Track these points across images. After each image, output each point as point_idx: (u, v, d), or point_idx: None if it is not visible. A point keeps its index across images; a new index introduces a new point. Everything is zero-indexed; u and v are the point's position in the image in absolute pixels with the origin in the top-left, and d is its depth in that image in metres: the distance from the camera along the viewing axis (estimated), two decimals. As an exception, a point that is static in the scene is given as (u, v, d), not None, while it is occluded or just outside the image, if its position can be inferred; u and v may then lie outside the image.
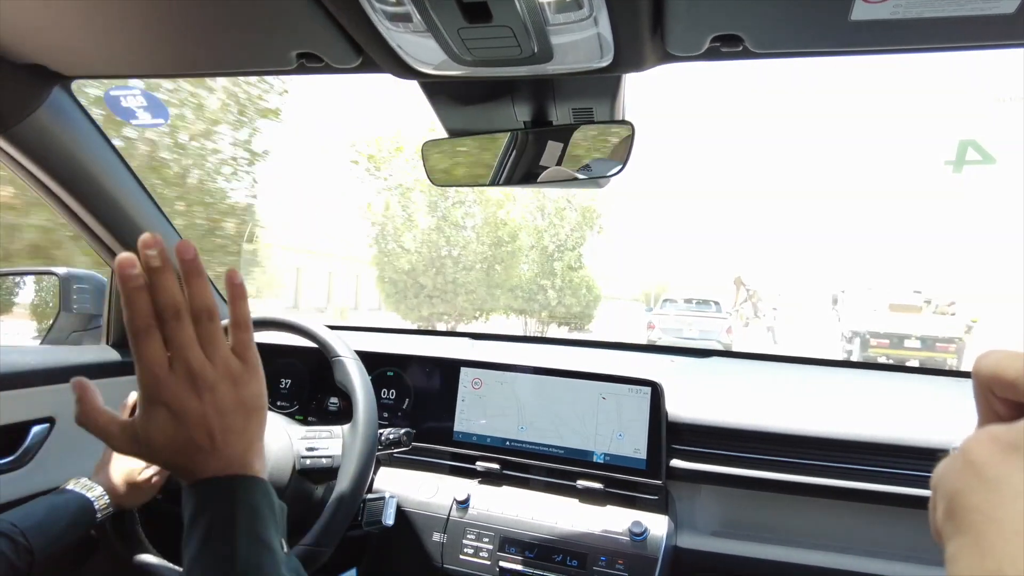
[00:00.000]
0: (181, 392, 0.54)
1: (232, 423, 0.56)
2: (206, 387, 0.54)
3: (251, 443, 0.59)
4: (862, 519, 1.11)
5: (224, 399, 0.56)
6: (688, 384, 1.30)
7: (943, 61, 25.88)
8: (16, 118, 0.99)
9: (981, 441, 0.29)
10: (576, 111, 1.02)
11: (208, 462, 0.56)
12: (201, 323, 0.55)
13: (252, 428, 0.59)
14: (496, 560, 1.15)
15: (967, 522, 0.28)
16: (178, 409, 0.54)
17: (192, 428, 0.54)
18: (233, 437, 0.56)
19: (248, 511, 0.55)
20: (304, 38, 0.79)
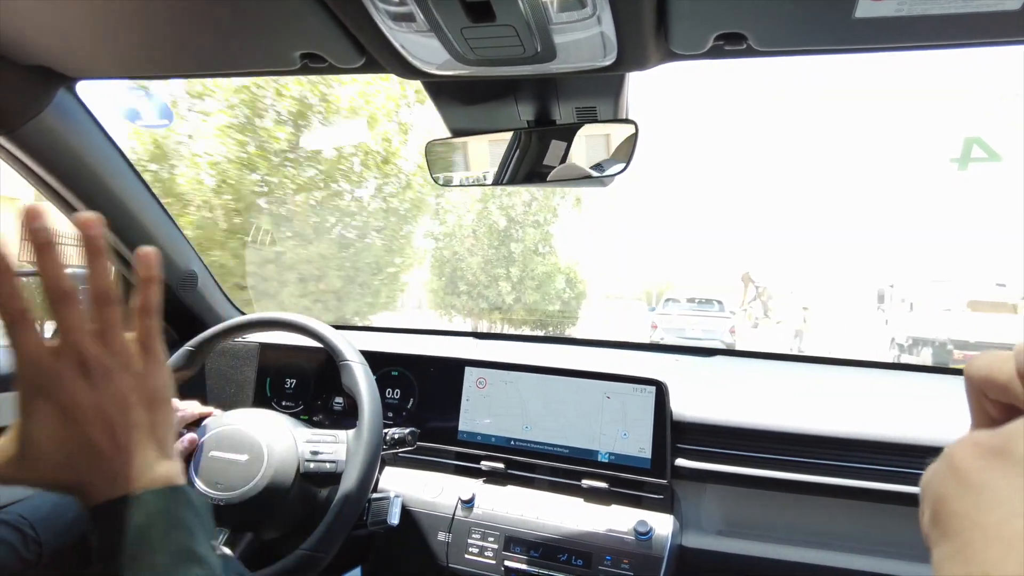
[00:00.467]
0: (71, 382, 0.47)
1: (136, 418, 0.49)
2: (101, 375, 0.48)
3: (162, 442, 0.51)
4: (868, 518, 1.11)
5: (124, 389, 0.49)
6: (693, 383, 1.30)
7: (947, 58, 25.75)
8: (22, 119, 0.99)
9: (964, 447, 0.29)
10: (580, 110, 1.02)
11: (115, 472, 0.48)
12: (99, 307, 0.49)
13: (160, 424, 0.52)
14: (501, 559, 1.15)
15: (952, 528, 0.28)
16: (68, 403, 0.46)
17: (88, 424, 0.47)
18: (140, 435, 0.49)
19: (172, 526, 0.48)
20: (307, 38, 0.79)
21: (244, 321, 1.16)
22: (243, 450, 1.01)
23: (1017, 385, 0.30)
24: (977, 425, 0.33)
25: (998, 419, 0.32)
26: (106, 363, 0.48)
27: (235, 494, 0.98)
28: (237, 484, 0.99)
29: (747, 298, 24.96)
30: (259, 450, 1.02)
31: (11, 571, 0.78)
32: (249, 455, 1.01)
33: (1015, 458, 0.26)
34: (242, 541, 1.00)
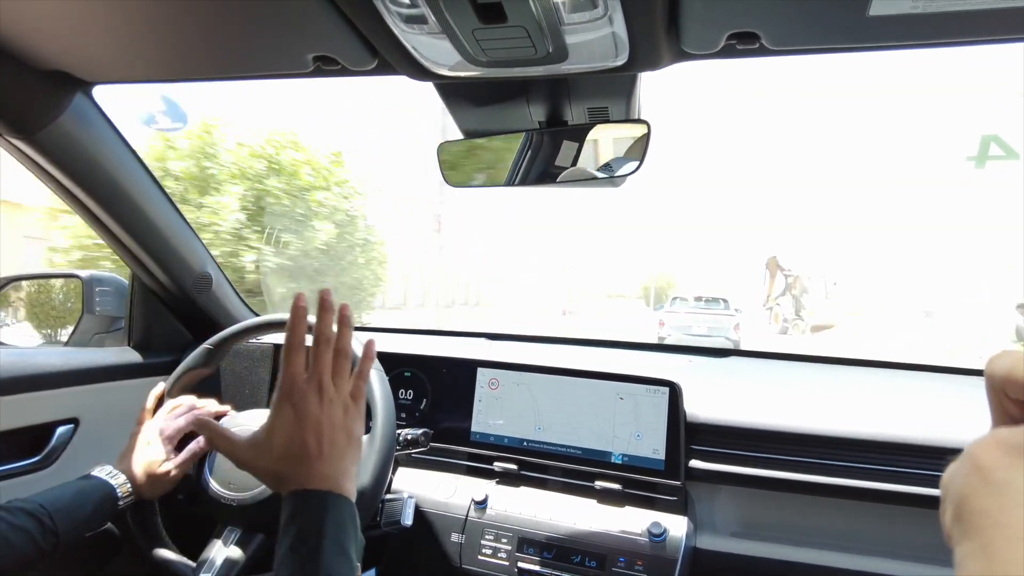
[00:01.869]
0: (309, 396, 0.68)
1: (337, 439, 0.69)
2: (327, 400, 0.69)
3: (348, 466, 0.71)
4: (884, 520, 1.10)
5: (336, 416, 0.70)
6: (706, 384, 1.29)
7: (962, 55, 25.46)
8: (40, 124, 1.00)
9: (988, 444, 0.29)
10: (591, 110, 1.02)
11: (312, 472, 0.67)
12: (337, 359, 0.72)
13: (350, 453, 0.71)
14: (514, 560, 1.15)
15: (974, 526, 0.27)
16: (302, 410, 0.68)
17: (307, 430, 0.67)
18: (336, 452, 0.69)
19: (336, 523, 0.64)
20: (320, 41, 0.80)
21: (261, 322, 1.17)
22: None
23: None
24: (997, 424, 0.33)
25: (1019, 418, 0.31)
26: (332, 396, 0.70)
27: (248, 495, 0.99)
28: (250, 485, 0.99)
29: (774, 291, 22.30)
30: None
31: (27, 559, 0.79)
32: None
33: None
34: (253, 542, 1.00)
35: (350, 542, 0.64)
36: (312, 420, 0.68)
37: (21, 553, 0.78)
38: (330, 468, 0.68)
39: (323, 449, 0.68)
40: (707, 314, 14.53)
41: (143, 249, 1.29)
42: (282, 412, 0.68)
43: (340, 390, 0.71)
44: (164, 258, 1.34)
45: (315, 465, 0.67)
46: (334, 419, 0.69)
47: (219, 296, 1.52)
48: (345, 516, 0.66)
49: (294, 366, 0.69)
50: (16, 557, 0.78)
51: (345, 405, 0.71)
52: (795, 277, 21.44)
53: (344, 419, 0.71)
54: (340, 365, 0.72)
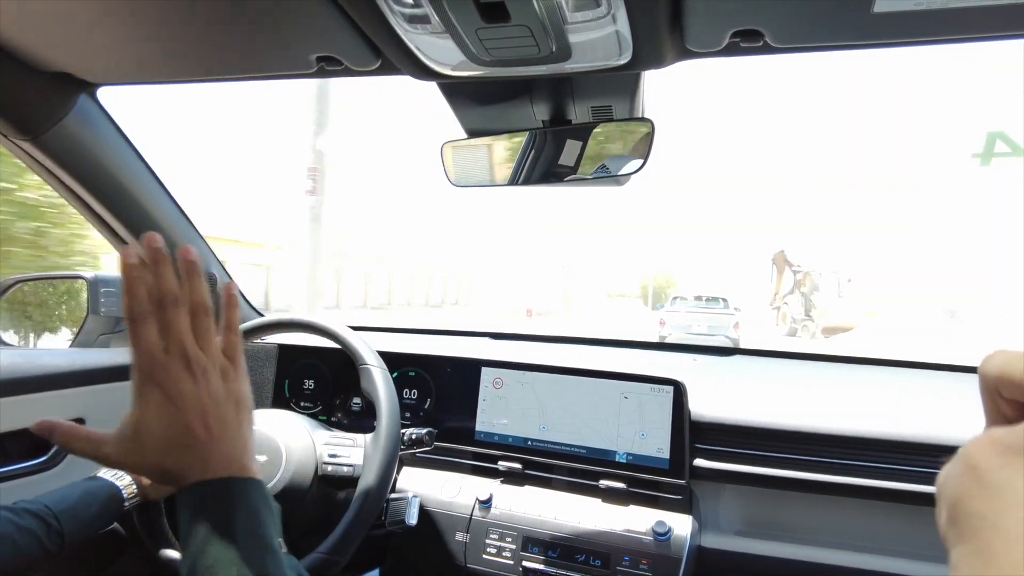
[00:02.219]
0: (177, 373, 0.55)
1: (225, 413, 0.57)
2: (200, 371, 0.56)
3: (246, 441, 0.59)
4: (889, 518, 1.09)
5: (216, 387, 0.58)
6: (711, 383, 1.29)
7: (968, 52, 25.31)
8: (45, 126, 1.01)
9: (982, 445, 0.29)
10: (595, 109, 1.02)
11: (206, 459, 0.55)
12: (197, 317, 0.58)
13: (244, 425, 0.60)
14: (519, 560, 1.15)
15: (969, 529, 0.27)
16: (174, 391, 0.55)
17: (188, 412, 0.55)
18: (229, 430, 0.57)
19: (248, 513, 0.55)
20: (323, 41, 0.80)
21: (264, 323, 1.17)
22: (261, 451, 1.02)
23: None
24: (991, 424, 0.32)
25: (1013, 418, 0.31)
26: (203, 363, 0.57)
27: None
28: None
29: (782, 289, 20.68)
30: (277, 451, 1.02)
31: (33, 560, 0.79)
32: (267, 456, 1.02)
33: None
34: None
35: (268, 529, 0.55)
36: (188, 398, 0.55)
37: (27, 554, 0.79)
38: (225, 448, 0.57)
39: (212, 429, 0.56)
40: (707, 313, 14.90)
41: None
42: (149, 397, 0.55)
43: (210, 353, 0.59)
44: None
45: (207, 449, 0.56)
46: (214, 390, 0.57)
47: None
48: (257, 501, 0.56)
49: (146, 339, 0.55)
50: (22, 558, 0.78)
51: (223, 368, 0.59)
52: (805, 273, 19.93)
53: (226, 386, 0.59)
54: (202, 324, 0.59)
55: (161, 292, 0.56)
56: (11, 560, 0.77)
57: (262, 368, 1.50)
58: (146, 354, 0.55)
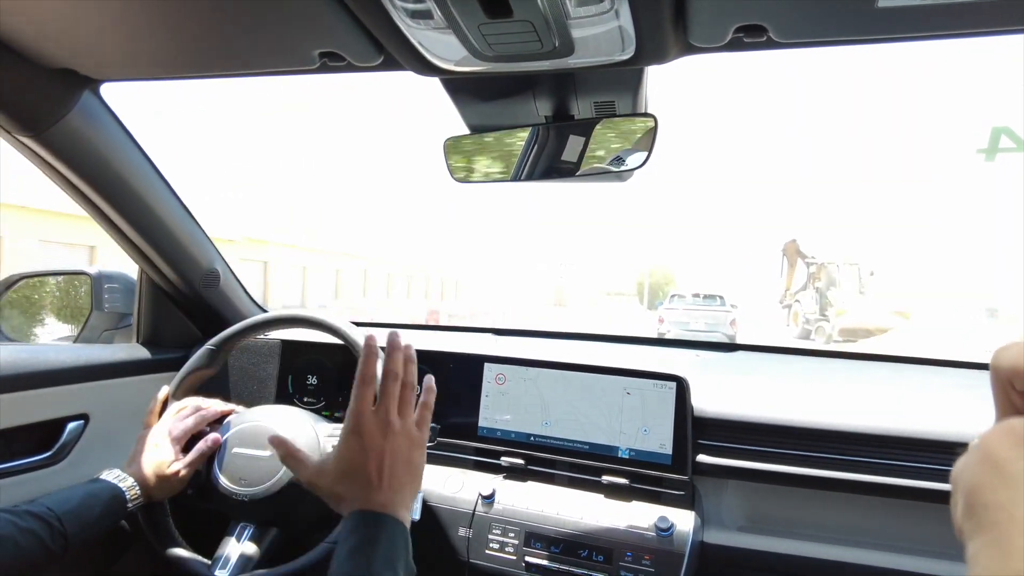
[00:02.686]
0: (375, 428, 0.74)
1: (397, 470, 0.74)
2: (392, 433, 0.74)
3: (406, 496, 0.75)
4: (891, 514, 1.09)
5: (399, 448, 0.75)
6: (714, 378, 1.29)
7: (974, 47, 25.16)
8: (48, 122, 1.01)
9: (999, 435, 0.29)
10: (598, 105, 1.01)
11: (370, 496, 0.72)
12: (404, 391, 0.78)
13: (409, 485, 0.76)
14: (522, 555, 1.15)
15: (987, 520, 0.27)
16: (368, 442, 0.73)
17: (371, 460, 0.73)
18: (395, 482, 0.73)
19: (388, 542, 0.70)
20: (326, 37, 0.80)
21: (264, 319, 1.17)
22: (266, 446, 1.02)
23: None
24: (1003, 416, 0.32)
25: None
26: (396, 427, 0.75)
27: (259, 489, 0.99)
28: (261, 479, 1.00)
29: (793, 284, 18.69)
30: None
31: (36, 561, 0.80)
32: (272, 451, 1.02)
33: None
34: (268, 536, 1.01)
35: (399, 560, 0.69)
36: (375, 451, 0.73)
37: (30, 556, 0.79)
38: (388, 496, 0.73)
39: (383, 479, 0.72)
40: (704, 310, 15.50)
41: (151, 246, 1.30)
42: (349, 443, 0.74)
43: (406, 422, 0.77)
44: (173, 255, 1.35)
45: (375, 493, 0.72)
46: (397, 451, 0.74)
47: (227, 292, 1.52)
48: (398, 538, 0.71)
49: (363, 400, 0.75)
50: (25, 559, 0.79)
51: (410, 437, 0.76)
52: (819, 266, 17.75)
53: (408, 450, 0.76)
54: (406, 397, 0.78)
55: (388, 369, 0.77)
56: (14, 562, 0.77)
57: (265, 364, 1.50)
58: (359, 411, 0.74)
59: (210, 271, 1.45)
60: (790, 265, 19.17)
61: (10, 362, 1.09)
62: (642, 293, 38.65)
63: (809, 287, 18.00)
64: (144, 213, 1.24)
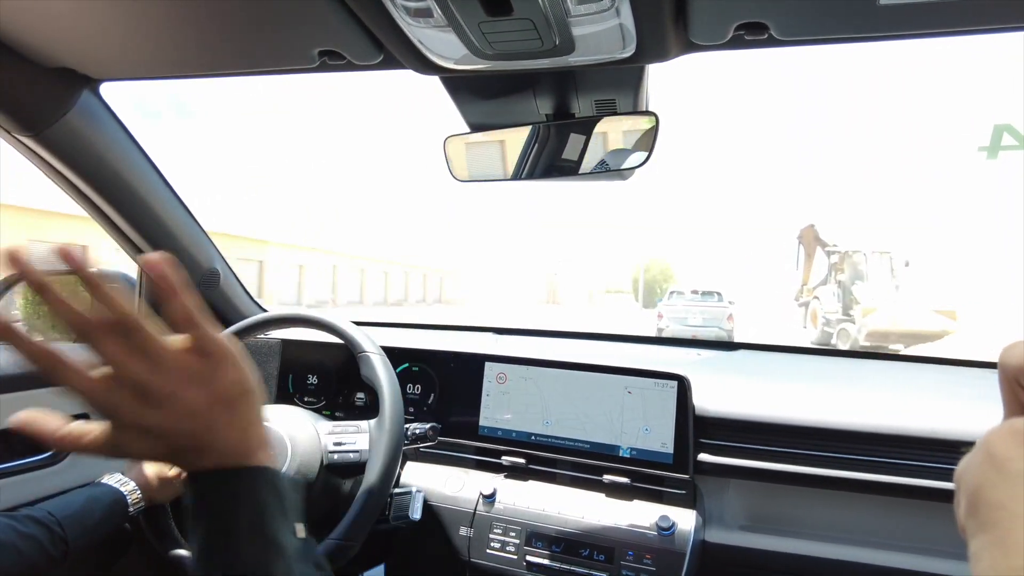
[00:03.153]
0: (139, 411, 0.47)
1: (214, 419, 0.50)
2: (164, 398, 0.47)
3: (246, 429, 0.53)
4: (892, 513, 1.09)
5: (192, 402, 0.49)
6: (716, 377, 1.29)
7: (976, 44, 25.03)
8: (48, 121, 1.01)
9: (1003, 435, 0.29)
10: (599, 103, 1.01)
11: (202, 458, 0.50)
12: (129, 335, 0.47)
13: (242, 414, 0.52)
14: (523, 554, 1.15)
15: (990, 518, 0.27)
16: (139, 425, 0.48)
17: (168, 437, 0.49)
18: (220, 430, 0.50)
19: (251, 506, 0.50)
20: (326, 36, 0.80)
21: (264, 319, 1.17)
22: None
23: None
24: (1010, 415, 0.32)
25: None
26: (163, 386, 0.47)
27: None
28: None
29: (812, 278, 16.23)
30: (282, 444, 1.03)
31: (37, 566, 0.80)
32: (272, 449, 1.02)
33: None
34: None
35: (275, 521, 0.51)
36: (165, 430, 0.48)
37: (31, 560, 0.79)
38: (221, 448, 0.51)
39: (201, 441, 0.50)
40: (702, 306, 15.76)
41: (151, 246, 1.30)
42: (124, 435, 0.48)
43: (170, 368, 0.48)
44: (172, 254, 1.34)
45: (204, 455, 0.50)
46: (192, 408, 0.49)
47: (227, 292, 1.52)
48: (262, 491, 0.51)
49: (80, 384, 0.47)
50: (26, 564, 0.79)
51: (194, 376, 0.49)
52: (842, 255, 15.00)
53: (206, 391, 0.49)
54: (139, 341, 0.47)
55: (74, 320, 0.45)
56: (15, 567, 0.77)
57: (266, 363, 1.50)
58: (85, 397, 0.47)
59: (210, 271, 1.45)
60: (807, 255, 16.31)
61: (7, 362, 1.09)
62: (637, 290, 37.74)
63: (830, 281, 15.14)
64: (144, 213, 1.24)
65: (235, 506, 0.50)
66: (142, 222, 1.25)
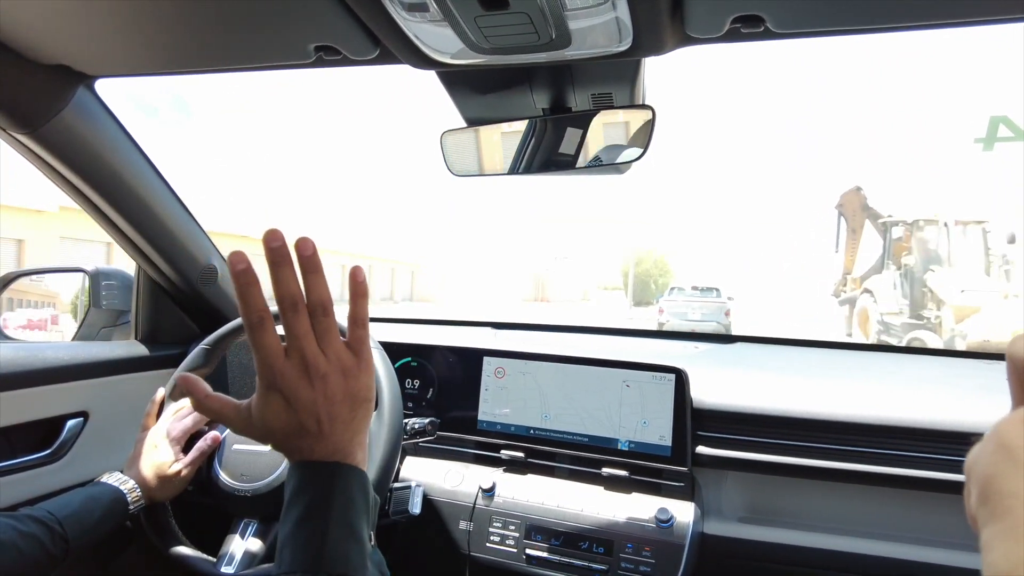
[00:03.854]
0: (295, 380, 0.56)
1: (339, 412, 0.58)
2: (318, 376, 0.57)
3: (356, 433, 0.61)
4: (891, 504, 1.10)
5: (334, 389, 0.58)
6: (713, 370, 1.29)
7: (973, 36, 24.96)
8: (43, 119, 1.00)
9: (1015, 424, 0.29)
10: (595, 97, 1.01)
11: (315, 446, 0.58)
12: (316, 317, 0.57)
13: (358, 419, 0.61)
14: (523, 548, 1.15)
15: (1002, 507, 0.27)
16: (291, 396, 0.56)
17: (302, 414, 0.57)
18: (339, 425, 0.59)
19: (344, 498, 0.58)
20: (321, 31, 0.79)
21: None
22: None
23: None
24: (1018, 405, 0.32)
25: None
26: (322, 367, 0.57)
27: (261, 484, 0.99)
28: (262, 475, 1.00)
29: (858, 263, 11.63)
30: None
31: (38, 565, 0.80)
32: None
33: None
34: (272, 531, 1.01)
35: (360, 518, 0.59)
36: (306, 404, 0.57)
37: (32, 560, 0.79)
38: (334, 443, 0.59)
39: (323, 428, 0.58)
40: (702, 302, 16.47)
41: (148, 242, 1.30)
42: (269, 399, 0.57)
43: (332, 355, 0.58)
44: (169, 251, 1.34)
45: (318, 442, 0.59)
46: (331, 394, 0.58)
47: (225, 288, 1.52)
48: (354, 489, 0.60)
49: (266, 346, 0.56)
50: (27, 564, 0.79)
51: (344, 369, 0.59)
52: (908, 226, 10.48)
53: (345, 386, 0.59)
54: (324, 325, 0.58)
55: (282, 294, 0.55)
56: (15, 566, 0.77)
57: None
58: (266, 361, 0.56)
59: (207, 267, 1.45)
60: (851, 231, 11.87)
61: (9, 360, 1.09)
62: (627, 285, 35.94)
63: (888, 267, 10.64)
64: (141, 209, 1.24)
65: (332, 496, 0.57)
66: (139, 218, 1.25)
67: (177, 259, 1.37)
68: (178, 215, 1.33)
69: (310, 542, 0.55)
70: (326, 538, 0.55)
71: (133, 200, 1.22)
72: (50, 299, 1.64)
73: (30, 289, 1.76)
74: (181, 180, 1.29)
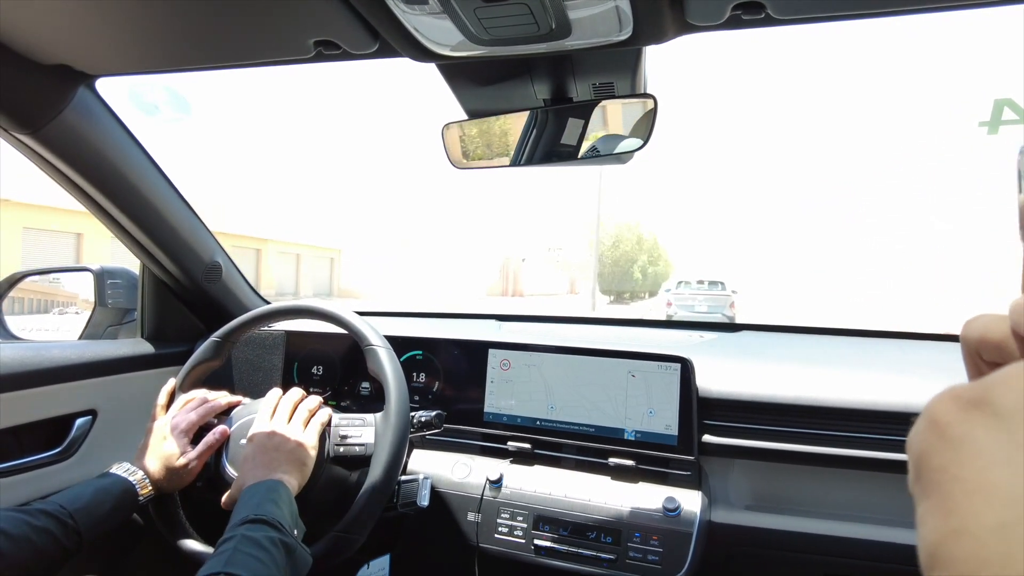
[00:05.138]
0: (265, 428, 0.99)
1: (277, 458, 0.96)
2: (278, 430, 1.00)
3: (277, 468, 0.94)
4: (898, 491, 1.10)
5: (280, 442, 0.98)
6: (719, 359, 1.29)
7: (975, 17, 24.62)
8: (45, 119, 1.01)
9: (943, 400, 0.29)
10: (596, 86, 1.00)
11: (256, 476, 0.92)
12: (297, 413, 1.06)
13: (281, 461, 0.96)
14: (531, 538, 1.16)
15: (932, 483, 0.27)
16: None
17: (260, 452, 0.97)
18: (267, 465, 0.94)
19: (271, 494, 0.87)
20: (320, 25, 0.79)
21: (269, 310, 1.17)
22: None
23: (1011, 344, 0.30)
24: None
25: None
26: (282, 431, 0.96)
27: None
28: None
29: None
30: None
31: (51, 559, 0.81)
32: None
33: (994, 408, 0.26)
34: None
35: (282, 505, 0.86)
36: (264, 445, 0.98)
37: (46, 554, 0.80)
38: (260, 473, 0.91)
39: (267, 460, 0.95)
40: (707, 294, 17.47)
41: (152, 241, 1.30)
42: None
43: (291, 422, 1.02)
44: (174, 249, 1.35)
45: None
46: (277, 442, 0.97)
47: (230, 285, 1.52)
48: (279, 490, 0.89)
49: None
50: (42, 558, 0.79)
51: (292, 432, 1.00)
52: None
53: (286, 443, 0.98)
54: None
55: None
56: (32, 561, 0.78)
57: (270, 355, 1.51)
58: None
59: (212, 265, 1.45)
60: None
61: (17, 360, 1.09)
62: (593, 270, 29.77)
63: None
64: (144, 208, 1.24)
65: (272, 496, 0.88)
66: (142, 217, 1.25)
67: (181, 257, 1.37)
68: (181, 213, 1.33)
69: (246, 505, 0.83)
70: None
71: (136, 198, 1.22)
72: (71, 300, 1.64)
73: (55, 291, 1.77)
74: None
